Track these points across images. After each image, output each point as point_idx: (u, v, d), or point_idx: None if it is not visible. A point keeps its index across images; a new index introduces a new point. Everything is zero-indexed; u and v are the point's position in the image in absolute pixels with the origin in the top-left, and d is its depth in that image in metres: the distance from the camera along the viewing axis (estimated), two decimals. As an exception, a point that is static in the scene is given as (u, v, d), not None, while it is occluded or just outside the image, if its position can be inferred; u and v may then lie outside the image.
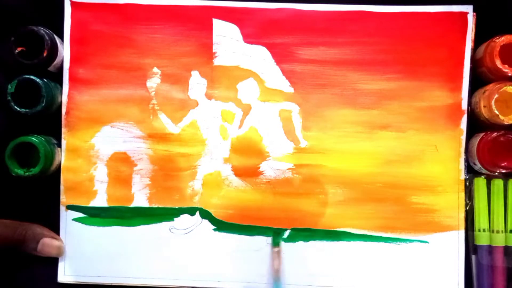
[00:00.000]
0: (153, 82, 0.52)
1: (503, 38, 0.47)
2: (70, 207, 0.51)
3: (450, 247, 0.50)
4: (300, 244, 0.51)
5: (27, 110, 0.48)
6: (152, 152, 0.52)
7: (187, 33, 0.52)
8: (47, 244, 0.49)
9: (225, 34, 0.52)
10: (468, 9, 0.50)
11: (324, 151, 0.51)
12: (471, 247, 0.50)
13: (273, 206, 0.51)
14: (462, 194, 0.50)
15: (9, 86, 0.47)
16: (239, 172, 0.52)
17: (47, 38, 0.48)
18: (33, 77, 0.48)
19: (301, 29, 0.51)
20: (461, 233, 0.50)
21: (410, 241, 0.51)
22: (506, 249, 0.49)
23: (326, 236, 0.51)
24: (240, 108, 0.52)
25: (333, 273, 0.51)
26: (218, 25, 0.52)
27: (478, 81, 0.50)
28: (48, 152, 0.49)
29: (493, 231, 0.49)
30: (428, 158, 0.51)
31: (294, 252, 0.51)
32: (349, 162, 0.51)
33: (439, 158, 0.51)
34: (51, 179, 0.51)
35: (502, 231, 0.49)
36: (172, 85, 0.52)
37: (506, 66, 0.47)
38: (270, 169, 0.52)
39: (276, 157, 0.52)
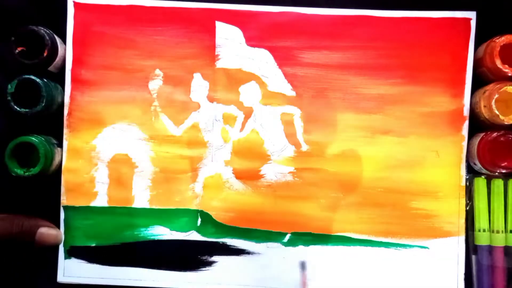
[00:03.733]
0: (155, 84, 0.50)
1: (503, 38, 0.46)
2: (70, 208, 0.49)
3: (450, 252, 0.48)
4: (301, 248, 0.49)
5: (27, 110, 0.46)
6: (154, 154, 0.50)
7: (190, 35, 0.50)
8: (45, 233, 0.47)
9: (228, 36, 0.50)
10: (471, 15, 0.49)
11: (325, 155, 0.49)
12: (471, 247, 0.48)
13: (273, 210, 0.49)
14: (463, 200, 0.49)
15: (9, 86, 0.46)
16: (240, 175, 0.50)
17: (47, 38, 0.47)
18: (33, 77, 0.46)
19: (304, 33, 0.49)
20: (461, 239, 0.49)
21: (410, 246, 0.49)
22: (506, 249, 0.48)
23: (326, 241, 0.49)
24: (241, 111, 0.50)
25: (333, 278, 0.49)
26: (221, 27, 0.50)
27: (478, 81, 0.49)
28: (48, 152, 0.47)
29: (493, 231, 0.48)
30: (429, 164, 0.49)
31: (295, 256, 0.49)
32: (350, 166, 0.49)
33: (440, 163, 0.49)
34: (51, 179, 0.49)
35: (502, 231, 0.48)
36: (174, 87, 0.50)
37: (506, 66, 0.46)
38: (271, 172, 0.50)
39: (277, 160, 0.50)
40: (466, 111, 0.48)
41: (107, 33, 0.49)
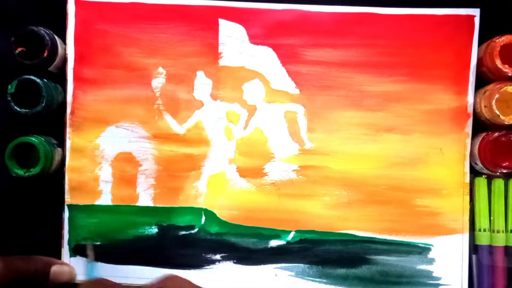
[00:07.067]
0: (158, 82, 0.47)
1: (503, 38, 0.44)
2: (74, 207, 0.47)
3: (455, 250, 0.46)
4: (305, 245, 0.47)
5: (27, 110, 0.44)
6: (157, 153, 0.47)
7: (193, 33, 0.47)
8: (58, 271, 0.45)
9: (231, 34, 0.47)
10: (475, 12, 0.46)
11: (329, 153, 0.47)
12: (471, 247, 0.46)
13: (277, 208, 0.47)
14: (467, 197, 0.46)
15: (9, 86, 0.44)
16: (244, 173, 0.47)
17: (47, 38, 0.45)
18: (33, 77, 0.44)
19: (307, 31, 0.47)
20: (466, 236, 0.46)
21: (415, 244, 0.46)
22: (507, 249, 0.46)
23: (330, 238, 0.47)
24: (245, 109, 0.47)
25: (336, 275, 0.47)
26: (224, 25, 0.47)
27: (478, 81, 0.47)
28: (48, 152, 0.45)
29: (493, 231, 0.46)
30: (433, 161, 0.46)
31: (299, 252, 0.47)
32: (354, 164, 0.47)
33: (444, 161, 0.46)
34: (50, 179, 0.47)
35: (502, 231, 0.46)
36: (177, 85, 0.47)
37: (506, 66, 0.44)
38: (275, 170, 0.47)
39: (281, 158, 0.47)
40: (469, 108, 0.46)
41: (109, 31, 0.47)
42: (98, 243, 0.46)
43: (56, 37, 0.46)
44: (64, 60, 0.47)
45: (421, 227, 0.46)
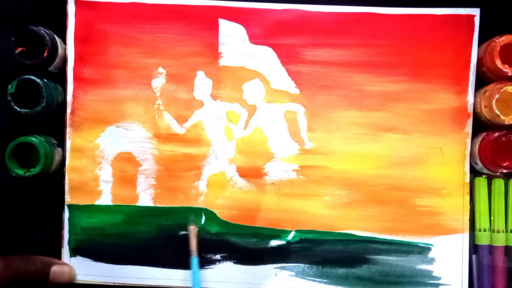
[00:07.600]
0: (158, 82, 0.47)
1: (503, 38, 0.43)
2: (74, 207, 0.47)
3: (455, 250, 0.46)
4: (305, 245, 0.46)
5: (27, 110, 0.44)
6: (157, 152, 0.47)
7: (193, 33, 0.47)
8: (57, 271, 0.45)
9: (231, 34, 0.47)
10: (475, 12, 0.46)
11: (329, 153, 0.47)
12: (471, 247, 0.46)
13: (277, 208, 0.47)
14: (467, 197, 0.46)
15: (9, 86, 0.44)
16: (244, 173, 0.47)
17: (47, 38, 0.44)
18: (33, 77, 0.44)
19: (307, 30, 0.47)
20: (466, 236, 0.46)
21: (415, 243, 0.46)
22: (507, 249, 0.45)
23: (330, 238, 0.46)
24: (245, 109, 0.47)
25: (336, 275, 0.46)
26: (224, 25, 0.47)
27: (478, 81, 0.46)
28: (48, 152, 0.45)
29: (493, 231, 0.45)
30: (433, 161, 0.46)
31: (299, 252, 0.46)
32: (354, 164, 0.46)
33: (444, 160, 0.46)
34: (51, 179, 0.47)
35: (502, 231, 0.45)
36: (177, 85, 0.47)
37: (506, 66, 0.43)
38: (275, 170, 0.47)
39: (281, 158, 0.47)
40: (470, 108, 0.46)
41: (109, 31, 0.47)
42: (98, 243, 0.46)
43: (56, 37, 0.45)
44: (64, 60, 0.47)
45: (421, 227, 0.46)
